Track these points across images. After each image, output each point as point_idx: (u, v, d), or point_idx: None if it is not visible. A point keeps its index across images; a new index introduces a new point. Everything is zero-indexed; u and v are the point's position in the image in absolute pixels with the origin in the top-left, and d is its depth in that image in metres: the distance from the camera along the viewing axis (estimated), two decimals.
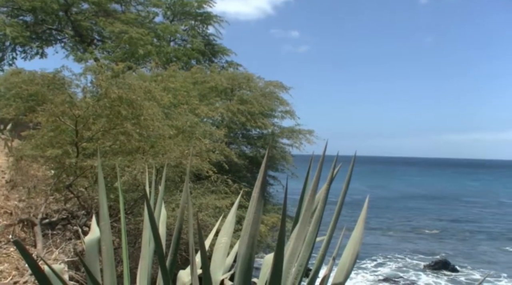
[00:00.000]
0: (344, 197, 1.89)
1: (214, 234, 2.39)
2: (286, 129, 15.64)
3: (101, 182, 2.12)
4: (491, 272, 20.22)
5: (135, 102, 6.51)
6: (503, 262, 22.38)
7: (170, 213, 6.25)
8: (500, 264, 21.93)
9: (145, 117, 6.54)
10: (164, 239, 2.14)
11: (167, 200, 6.88)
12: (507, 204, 50.15)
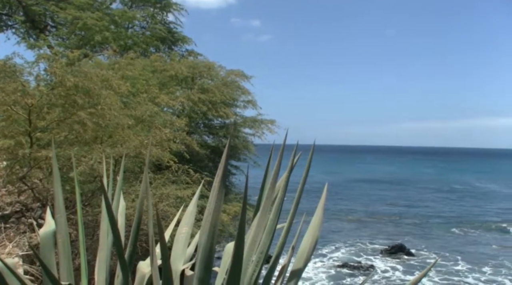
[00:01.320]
0: (303, 185, 1.92)
1: (175, 224, 2.37)
2: (248, 118, 15.65)
3: (56, 173, 2.05)
4: (445, 255, 21.24)
5: (92, 91, 6.30)
6: (455, 244, 23.55)
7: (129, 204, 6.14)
8: (452, 246, 23.07)
9: (102, 106, 6.35)
10: (123, 230, 2.10)
11: (127, 191, 6.75)
12: (459, 189, 52.65)
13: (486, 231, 27.25)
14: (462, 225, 28.92)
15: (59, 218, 1.91)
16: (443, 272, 18.47)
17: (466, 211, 35.55)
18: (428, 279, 17.29)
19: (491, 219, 31.62)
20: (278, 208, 1.81)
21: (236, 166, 16.56)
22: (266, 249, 1.72)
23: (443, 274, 18.22)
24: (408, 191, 49.61)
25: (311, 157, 1.94)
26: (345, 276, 17.76)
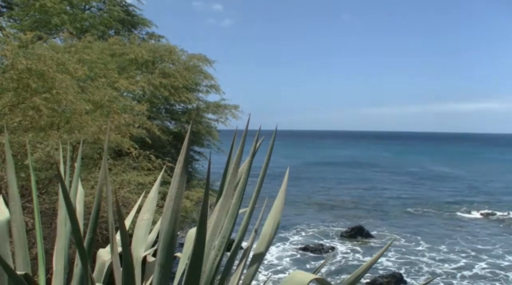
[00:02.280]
0: (266, 169, 1.93)
1: (136, 211, 2.34)
2: (212, 104, 15.55)
3: (9, 160, 1.97)
4: (402, 235, 22.12)
5: (46, 75, 6.05)
6: (412, 225, 24.53)
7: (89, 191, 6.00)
8: (409, 227, 24.03)
9: (57, 91, 6.12)
10: (82, 218, 2.05)
11: (86, 178, 6.58)
12: (415, 172, 54.73)
13: (441, 212, 28.55)
14: (419, 207, 30.15)
15: (13, 207, 1.84)
16: (401, 252, 19.26)
17: (422, 193, 37.05)
18: (387, 259, 17.98)
19: (445, 200, 33.13)
20: (241, 193, 1.82)
21: (199, 152, 16.47)
22: (229, 234, 1.73)
23: (401, 254, 18.99)
24: (367, 174, 51.07)
25: (273, 142, 1.95)
26: (307, 259, 18.18)
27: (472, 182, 44.71)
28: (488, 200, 33.35)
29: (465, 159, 79.64)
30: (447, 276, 16.41)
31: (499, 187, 41.20)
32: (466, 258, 18.68)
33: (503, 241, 21.46)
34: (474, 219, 26.66)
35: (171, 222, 1.56)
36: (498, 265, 17.72)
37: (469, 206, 30.61)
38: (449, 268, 17.40)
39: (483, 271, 17.04)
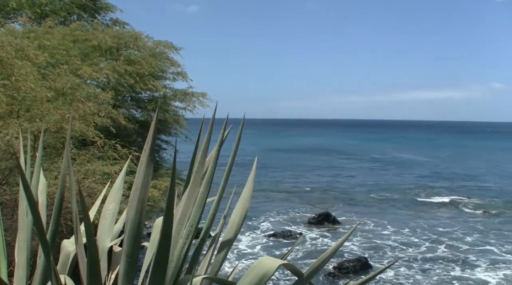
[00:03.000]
0: (234, 158, 1.93)
1: (102, 201, 2.30)
2: (179, 91, 15.33)
3: None
4: (368, 221, 22.72)
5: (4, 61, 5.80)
6: (377, 211, 25.23)
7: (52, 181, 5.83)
8: (374, 213, 24.70)
9: (16, 78, 5.88)
10: (45, 209, 2.00)
11: (48, 168, 6.39)
12: (379, 159, 56.17)
13: (404, 197, 29.47)
14: (383, 192, 31.00)
15: None
16: (367, 237, 19.79)
17: (386, 179, 38.08)
18: (353, 244, 18.45)
19: (408, 185, 34.20)
20: (208, 181, 1.82)
21: (167, 141, 16.26)
22: (196, 222, 1.72)
23: (367, 238, 19.52)
24: (334, 161, 51.98)
25: (241, 131, 1.95)
26: (276, 245, 18.43)
27: (433, 168, 46.31)
28: (448, 185, 34.68)
29: (426, 146, 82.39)
30: (410, 259, 17.02)
31: (459, 172, 42.87)
32: (428, 241, 19.41)
33: (462, 224, 22.41)
34: (435, 203, 27.67)
35: (137, 212, 1.54)
36: (457, 248, 18.51)
37: (431, 191, 31.73)
38: (412, 251, 18.04)
39: (444, 254, 17.77)
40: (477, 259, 17.04)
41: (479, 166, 48.82)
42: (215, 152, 1.90)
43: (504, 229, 21.50)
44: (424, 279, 15.13)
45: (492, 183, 36.07)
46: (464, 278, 15.18)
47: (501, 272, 15.67)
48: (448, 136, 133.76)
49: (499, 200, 28.78)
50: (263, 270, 1.57)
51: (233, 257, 16.50)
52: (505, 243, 19.07)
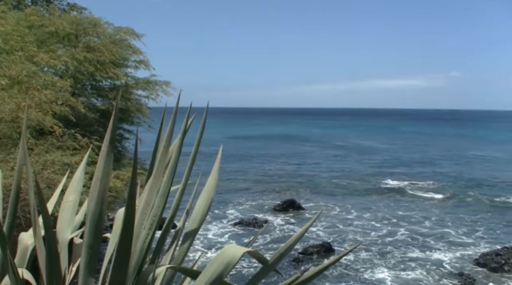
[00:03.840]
0: (197, 147, 1.92)
1: (62, 192, 2.24)
2: (141, 80, 15.03)
3: None
4: (332, 206, 23.20)
5: None
6: (341, 197, 25.80)
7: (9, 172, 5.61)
8: (338, 198, 25.25)
9: None
10: (0, 201, 1.92)
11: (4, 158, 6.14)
12: (342, 146, 57.32)
13: (366, 183, 30.25)
14: (346, 178, 31.70)
15: None
16: (331, 222, 20.24)
17: (348, 165, 38.94)
18: (318, 229, 18.83)
19: (371, 172, 35.11)
20: (172, 171, 1.80)
21: (130, 130, 15.95)
22: (160, 212, 1.71)
23: (331, 224, 19.96)
24: (299, 149, 52.61)
25: (205, 119, 1.94)
26: (242, 233, 18.54)
27: (394, 155, 47.73)
28: (408, 171, 35.86)
29: (388, 133, 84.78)
30: (370, 243, 17.55)
31: (418, 159, 44.40)
32: (388, 225, 20.06)
33: (420, 208, 23.29)
34: (396, 188, 28.57)
35: (98, 203, 1.51)
36: (416, 231, 19.24)
37: (392, 177, 32.71)
38: (373, 235, 18.60)
39: (403, 237, 18.43)
40: (434, 241, 17.78)
41: (437, 152, 50.73)
42: (178, 141, 1.88)
43: (459, 212, 22.52)
44: (383, 261, 15.68)
45: (449, 169, 37.58)
46: (421, 258, 15.83)
47: (457, 253, 16.44)
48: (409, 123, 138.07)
49: (456, 184, 30.06)
50: (228, 258, 1.57)
51: (202, 246, 16.50)
52: (460, 226, 19.98)
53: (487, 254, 15.48)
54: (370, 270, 14.86)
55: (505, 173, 34.96)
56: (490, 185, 30.04)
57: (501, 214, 22.13)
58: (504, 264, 14.71)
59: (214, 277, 1.54)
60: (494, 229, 19.43)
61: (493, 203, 24.37)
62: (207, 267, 1.59)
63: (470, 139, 72.40)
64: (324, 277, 13.95)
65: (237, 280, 12.89)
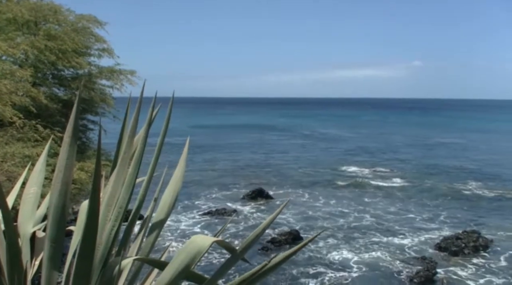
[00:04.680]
0: (163, 137, 1.90)
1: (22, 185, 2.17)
2: (105, 69, 14.65)
3: None
4: (300, 194, 23.52)
5: None
6: (308, 184, 26.17)
7: None
8: (306, 186, 25.60)
9: None
10: None
11: None
12: (308, 135, 58.08)
13: (332, 171, 30.79)
14: (313, 166, 32.15)
15: None
16: (299, 210, 20.52)
17: (316, 154, 39.50)
18: (285, 217, 19.05)
19: (336, 159, 35.73)
20: (137, 162, 1.77)
21: (94, 121, 15.58)
22: (126, 204, 1.68)
23: (299, 211, 20.24)
24: (267, 139, 52.90)
25: (170, 109, 1.91)
26: (211, 223, 18.54)
27: (358, 143, 48.77)
28: (372, 159, 36.76)
29: (352, 122, 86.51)
30: (337, 229, 17.94)
31: (381, 146, 45.54)
32: (354, 211, 20.55)
33: (385, 194, 23.95)
34: (361, 176, 29.23)
35: (61, 195, 1.47)
36: (381, 217, 19.80)
37: (357, 164, 33.43)
38: (340, 221, 19.01)
39: (368, 223, 18.93)
40: (398, 226, 18.36)
41: (401, 140, 52.19)
42: (143, 132, 1.85)
43: (422, 197, 23.31)
44: (349, 246, 16.09)
45: (411, 156, 38.74)
46: (386, 243, 16.33)
47: (420, 237, 17.04)
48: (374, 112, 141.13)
49: (418, 171, 31.05)
50: (196, 248, 1.57)
51: (171, 237, 16.40)
52: (423, 211, 20.70)
53: (448, 238, 16.13)
54: (337, 254, 15.22)
55: (465, 160, 36.40)
56: (451, 171, 31.22)
57: (461, 199, 23.07)
58: (464, 248, 15.37)
59: (182, 267, 1.54)
60: (455, 214, 20.24)
61: (454, 189, 25.37)
62: (175, 257, 1.58)
63: (432, 127, 74.90)
64: (293, 263, 14.20)
65: (207, 270, 12.92)
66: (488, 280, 13.39)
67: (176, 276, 1.52)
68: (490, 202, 22.50)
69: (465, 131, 65.73)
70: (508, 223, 18.79)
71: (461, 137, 55.61)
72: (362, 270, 14.08)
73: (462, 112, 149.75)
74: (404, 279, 13.31)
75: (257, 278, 1.60)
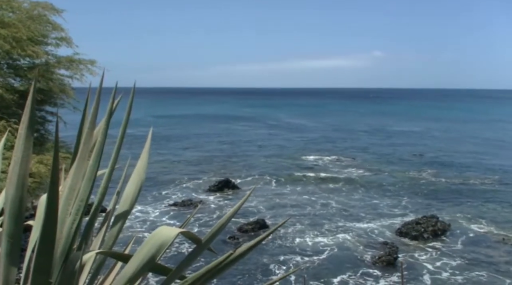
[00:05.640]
0: (125, 128, 1.86)
1: None
2: (64, 58, 14.16)
3: None
4: (265, 181, 23.69)
5: None
6: (274, 172, 26.37)
7: None
8: (271, 174, 25.80)
9: None
10: None
11: None
12: (273, 125, 58.50)
13: (297, 160, 31.17)
14: (279, 156, 32.43)
15: None
16: (266, 198, 20.69)
17: (281, 143, 39.84)
18: (252, 206, 19.17)
19: (301, 148, 36.21)
20: (98, 154, 1.73)
21: (53, 112, 15.07)
22: (87, 197, 1.64)
23: (265, 200, 20.41)
24: (232, 129, 52.85)
25: (132, 99, 1.88)
26: (177, 214, 18.41)
27: (322, 132, 49.60)
28: (335, 147, 37.49)
29: (316, 112, 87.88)
30: (304, 215, 18.23)
31: (345, 136, 46.49)
32: (320, 198, 20.93)
33: (349, 181, 24.51)
34: (326, 164, 29.76)
35: (18, 188, 1.42)
36: (345, 203, 20.26)
37: (321, 152, 34.02)
38: (306, 208, 19.31)
39: (333, 209, 19.34)
40: (362, 213, 18.86)
41: (361, 129, 53.48)
42: (104, 123, 1.81)
43: (383, 184, 24.01)
44: (314, 231, 16.43)
45: (371, 144, 39.76)
46: (349, 229, 16.75)
47: (383, 223, 17.57)
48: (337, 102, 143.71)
49: (378, 159, 31.92)
50: (161, 239, 1.56)
51: (138, 230, 16.18)
52: (384, 198, 21.33)
53: (409, 223, 16.71)
54: (304, 240, 15.53)
55: (422, 148, 37.73)
56: (409, 159, 32.29)
57: (420, 185, 23.93)
58: (423, 232, 15.98)
59: (147, 259, 1.53)
60: (415, 200, 20.97)
61: (412, 176, 26.26)
62: (139, 250, 1.56)
63: (392, 116, 77.11)
64: (262, 250, 14.37)
65: (174, 262, 12.86)
66: (445, 262, 14.01)
67: (140, 269, 1.51)
68: (447, 188, 23.45)
69: (423, 120, 68.15)
70: (464, 208, 19.66)
71: (419, 126, 57.58)
72: (328, 255, 14.41)
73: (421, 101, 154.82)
74: (368, 263, 13.72)
75: (222, 268, 1.61)
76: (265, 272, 13.10)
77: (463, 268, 13.51)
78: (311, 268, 13.52)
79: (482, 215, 18.55)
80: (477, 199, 20.98)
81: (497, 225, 17.32)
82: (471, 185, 24.03)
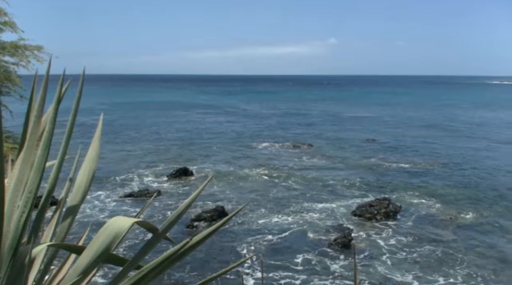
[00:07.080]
0: (75, 116, 1.80)
1: None
2: (8, 44, 13.40)
3: None
4: (224, 170, 23.68)
5: None
6: (233, 160, 26.41)
7: None
8: (231, 162, 25.82)
9: None
10: None
11: None
12: (231, 112, 58.39)
13: (252, 147, 31.35)
14: (236, 143, 32.48)
15: None
16: (223, 185, 20.71)
17: (238, 130, 39.87)
18: (211, 194, 19.14)
19: (257, 135, 36.44)
20: (47, 143, 1.66)
21: None
22: (36, 189, 1.58)
23: (224, 187, 20.43)
24: (189, 116, 52.27)
25: (81, 87, 1.81)
26: (134, 203, 18.09)
27: (278, 119, 50.14)
28: (290, 134, 38.05)
29: (272, 99, 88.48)
30: (262, 200, 18.44)
31: (300, 122, 47.20)
32: (278, 183, 21.21)
33: (303, 166, 24.96)
34: (281, 150, 30.12)
35: None
36: (302, 189, 20.65)
37: (277, 139, 34.38)
38: (265, 193, 19.52)
39: (290, 192, 19.67)
40: (318, 197, 19.31)
41: (316, 115, 54.54)
42: (52, 111, 1.74)
43: (338, 168, 24.67)
44: (275, 213, 16.74)
45: (327, 130, 40.62)
46: (306, 212, 17.13)
47: (339, 206, 18.08)
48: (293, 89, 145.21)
49: (334, 144, 32.70)
50: (115, 230, 1.53)
51: (94, 220, 15.76)
52: (338, 182, 21.92)
53: (362, 205, 17.29)
54: (262, 223, 15.72)
55: (373, 133, 38.97)
56: (361, 144, 33.31)
57: (372, 169, 24.76)
58: (376, 214, 16.59)
59: (101, 250, 1.50)
60: (367, 183, 21.69)
61: (365, 160, 27.12)
62: (93, 241, 1.53)
63: (345, 102, 79.13)
64: (223, 235, 14.44)
65: (131, 252, 12.66)
66: (397, 239, 14.67)
67: (94, 260, 1.48)
68: (397, 171, 24.41)
69: (375, 105, 70.31)
70: (413, 190, 20.56)
71: (371, 111, 59.39)
72: (286, 238, 14.70)
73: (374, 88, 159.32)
74: (325, 245, 14.11)
75: (179, 257, 1.60)
76: (224, 257, 13.19)
77: (414, 246, 14.20)
78: (271, 250, 13.77)
79: (430, 196, 19.49)
80: (426, 182, 22.00)
81: (445, 205, 18.27)
82: (420, 168, 25.14)
